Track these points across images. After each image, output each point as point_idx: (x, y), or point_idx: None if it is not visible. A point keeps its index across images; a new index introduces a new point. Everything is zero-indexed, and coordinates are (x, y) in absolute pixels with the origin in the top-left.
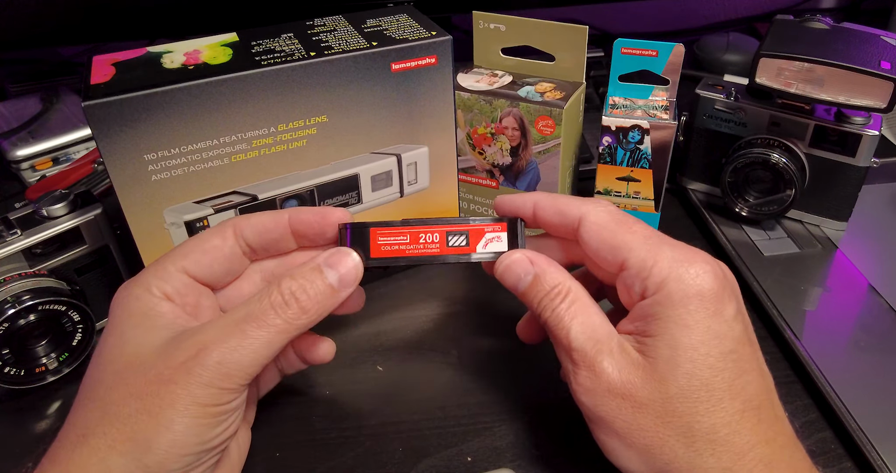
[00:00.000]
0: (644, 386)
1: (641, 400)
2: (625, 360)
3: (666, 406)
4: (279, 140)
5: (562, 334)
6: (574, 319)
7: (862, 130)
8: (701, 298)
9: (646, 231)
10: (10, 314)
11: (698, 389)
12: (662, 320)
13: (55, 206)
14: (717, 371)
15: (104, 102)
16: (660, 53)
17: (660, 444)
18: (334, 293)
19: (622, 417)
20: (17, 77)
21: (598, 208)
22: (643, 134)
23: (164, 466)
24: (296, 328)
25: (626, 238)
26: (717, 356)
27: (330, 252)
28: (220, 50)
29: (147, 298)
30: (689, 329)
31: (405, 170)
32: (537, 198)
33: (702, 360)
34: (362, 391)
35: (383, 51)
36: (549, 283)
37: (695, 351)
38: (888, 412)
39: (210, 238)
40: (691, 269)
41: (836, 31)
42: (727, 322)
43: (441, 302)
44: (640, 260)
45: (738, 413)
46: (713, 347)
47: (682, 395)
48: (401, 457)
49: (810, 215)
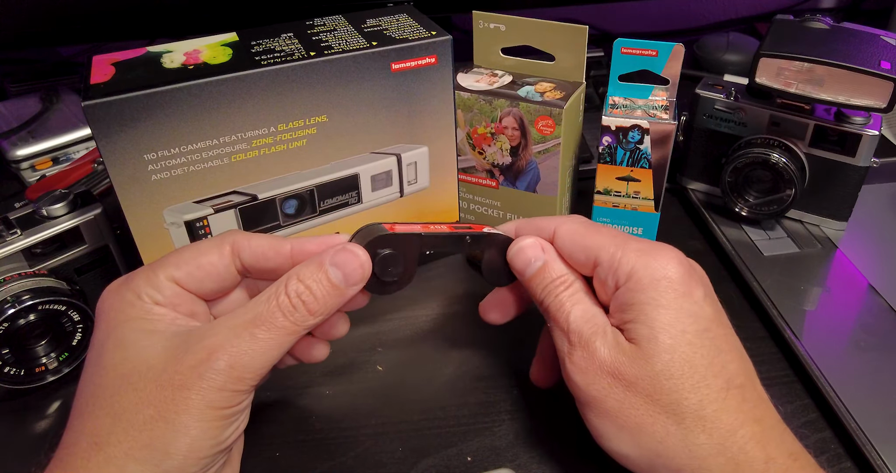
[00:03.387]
0: (632, 364)
1: (630, 378)
2: (615, 342)
3: (654, 384)
4: (279, 140)
5: (562, 317)
6: (575, 305)
7: (862, 130)
8: (669, 280)
9: (613, 232)
10: (9, 313)
11: (681, 365)
12: (637, 304)
13: (55, 206)
14: (695, 348)
15: (104, 101)
16: (660, 53)
17: (651, 422)
18: (340, 293)
19: (613, 396)
20: (17, 77)
21: (570, 219)
22: (643, 134)
23: (184, 470)
24: (304, 328)
25: (595, 238)
26: (694, 333)
27: (335, 250)
28: (220, 50)
29: (140, 304)
30: (663, 308)
31: (405, 170)
32: (518, 224)
33: (680, 336)
34: (362, 391)
35: (383, 51)
36: (557, 272)
37: (672, 328)
38: (888, 412)
39: (207, 253)
40: (657, 258)
41: (836, 31)
42: (697, 303)
43: (441, 302)
44: (610, 255)
45: (723, 391)
46: (688, 324)
47: (667, 371)
48: (401, 457)
49: (810, 214)
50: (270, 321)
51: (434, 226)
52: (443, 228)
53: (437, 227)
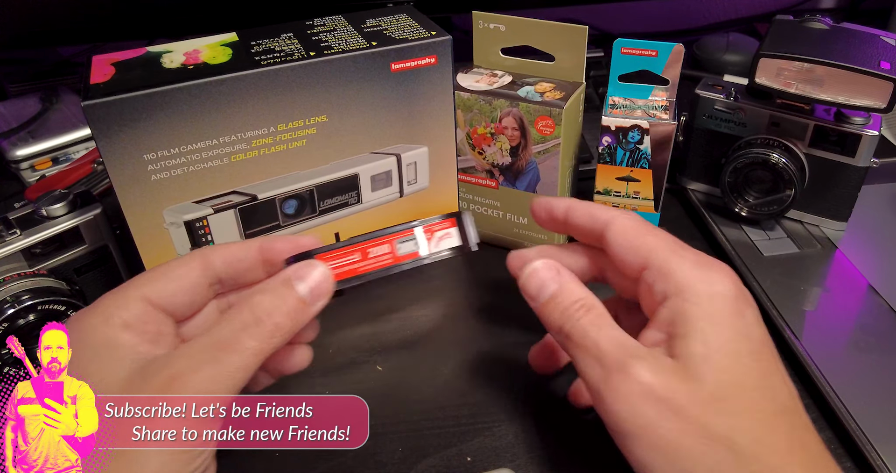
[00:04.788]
0: (681, 387)
1: (681, 402)
2: (658, 363)
3: (707, 407)
4: (279, 140)
5: (589, 342)
6: (601, 329)
7: (862, 131)
8: (724, 297)
9: (668, 237)
10: (9, 313)
11: (734, 387)
12: (692, 318)
13: (55, 206)
14: (748, 371)
15: (104, 101)
16: (660, 53)
17: (703, 451)
18: (305, 308)
19: (664, 424)
20: (17, 77)
21: (625, 215)
22: (643, 134)
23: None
24: (270, 347)
25: (649, 239)
26: (746, 354)
27: (297, 265)
28: (220, 50)
29: (104, 329)
30: (719, 326)
31: (405, 170)
32: (570, 202)
33: (734, 357)
34: (362, 391)
35: (383, 51)
36: (574, 296)
37: (727, 347)
38: (888, 412)
39: (176, 267)
40: (714, 272)
41: (836, 32)
42: (749, 325)
43: (441, 302)
44: (664, 260)
45: (774, 416)
46: (742, 345)
47: (719, 393)
48: (400, 457)
49: (810, 215)
50: (234, 343)
51: (377, 242)
52: (385, 250)
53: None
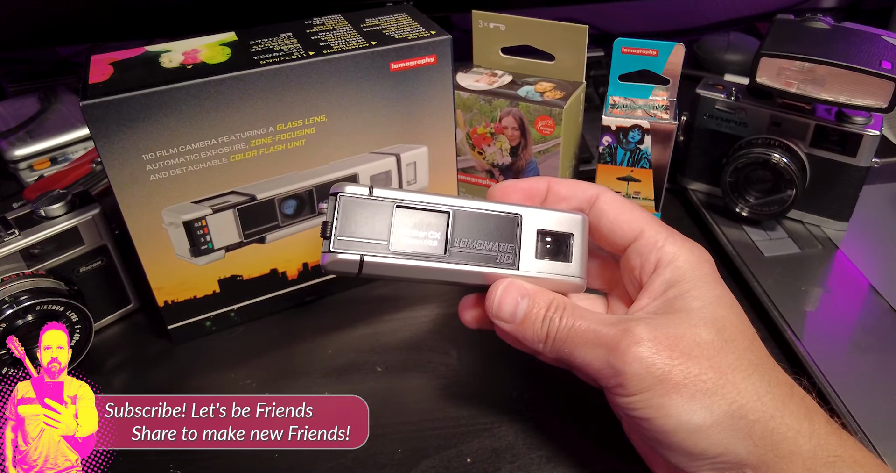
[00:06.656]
0: (687, 332)
1: (690, 344)
2: (656, 320)
3: (715, 346)
4: (278, 140)
5: (580, 332)
6: (584, 316)
7: (863, 130)
8: (710, 264)
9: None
10: (7, 314)
11: (734, 330)
12: (688, 279)
13: (53, 206)
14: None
15: (102, 101)
16: (660, 53)
17: (721, 384)
18: None
19: (679, 367)
20: (16, 77)
21: (611, 190)
22: (643, 134)
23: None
24: None
25: (641, 213)
26: (731, 305)
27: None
28: (219, 49)
29: None
30: (711, 285)
31: (404, 170)
32: (548, 178)
33: (729, 308)
34: (362, 392)
35: (382, 50)
36: (546, 299)
37: (719, 301)
38: (888, 412)
39: None
40: (694, 245)
41: (837, 31)
42: (724, 286)
43: (440, 303)
44: (656, 232)
45: (768, 356)
46: (727, 300)
47: (724, 332)
48: (400, 458)
49: (811, 215)
50: None
51: None
52: None
53: None
